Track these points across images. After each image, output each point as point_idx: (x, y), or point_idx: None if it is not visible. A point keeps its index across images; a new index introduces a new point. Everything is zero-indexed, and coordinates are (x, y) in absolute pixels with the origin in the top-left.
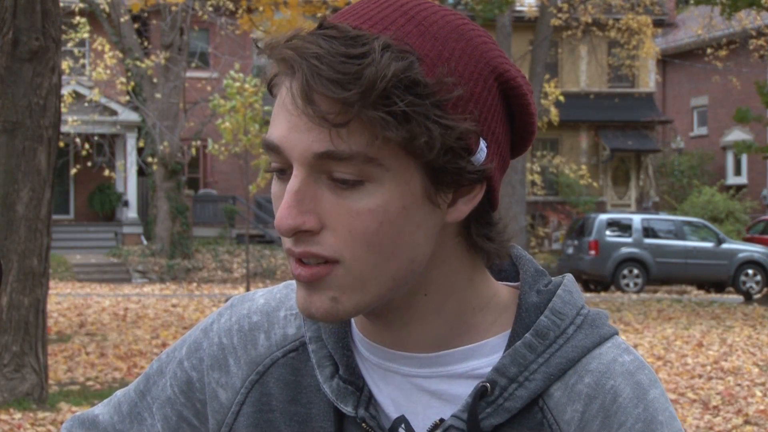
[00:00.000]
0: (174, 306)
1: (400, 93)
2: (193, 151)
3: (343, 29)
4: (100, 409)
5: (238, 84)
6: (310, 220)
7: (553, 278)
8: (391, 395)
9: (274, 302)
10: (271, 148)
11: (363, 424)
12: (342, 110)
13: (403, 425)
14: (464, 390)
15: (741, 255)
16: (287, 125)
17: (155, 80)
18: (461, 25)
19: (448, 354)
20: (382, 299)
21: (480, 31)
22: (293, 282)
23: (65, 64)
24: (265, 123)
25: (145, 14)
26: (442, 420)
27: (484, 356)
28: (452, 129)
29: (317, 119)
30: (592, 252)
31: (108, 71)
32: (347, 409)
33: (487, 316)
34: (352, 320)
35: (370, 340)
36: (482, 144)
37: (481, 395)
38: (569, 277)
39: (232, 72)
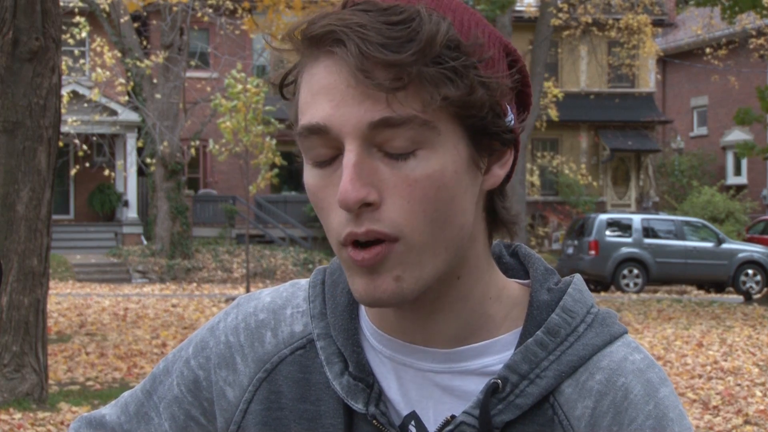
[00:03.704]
0: (174, 306)
1: (449, 52)
2: (193, 151)
3: (373, 3)
4: (108, 410)
5: (241, 86)
6: (372, 192)
7: (563, 278)
8: (402, 390)
9: (280, 300)
10: (315, 131)
11: (374, 421)
12: (398, 74)
13: (413, 422)
14: (476, 386)
15: (741, 255)
16: (331, 103)
17: (155, 80)
18: (464, 3)
19: (463, 350)
20: (437, 272)
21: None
22: (300, 281)
23: (65, 64)
24: (266, 123)
25: (145, 14)
26: (453, 416)
27: (497, 353)
28: (495, 87)
29: (373, 86)
30: (592, 252)
31: (107, 72)
32: (358, 406)
33: (501, 308)
34: (364, 314)
35: (387, 333)
36: (508, 107)
37: (492, 392)
38: (578, 277)
39: (234, 71)
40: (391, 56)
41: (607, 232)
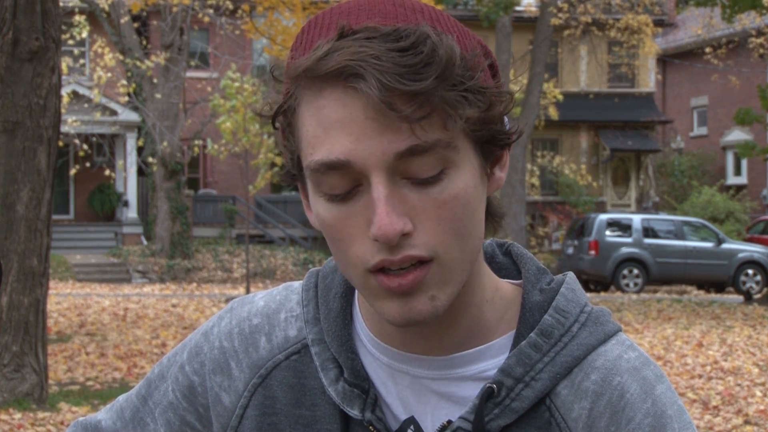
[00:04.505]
0: (174, 306)
1: (463, 71)
2: (195, 150)
3: (373, 28)
4: (103, 415)
5: (237, 84)
6: (407, 222)
7: (555, 276)
8: (400, 396)
9: (274, 304)
10: (335, 166)
11: (370, 427)
12: (421, 102)
13: (412, 426)
14: (473, 392)
15: (741, 255)
16: (350, 137)
17: (155, 80)
18: (438, 9)
19: (459, 356)
20: (462, 285)
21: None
22: (293, 283)
23: (65, 64)
24: (267, 123)
25: (145, 14)
26: (450, 422)
27: (492, 357)
28: (503, 96)
29: (399, 119)
30: (592, 252)
31: (108, 74)
32: (354, 413)
33: (496, 310)
34: (359, 319)
35: (384, 342)
36: None
37: (488, 396)
38: (571, 275)
39: (230, 72)
40: (413, 86)
41: (607, 232)
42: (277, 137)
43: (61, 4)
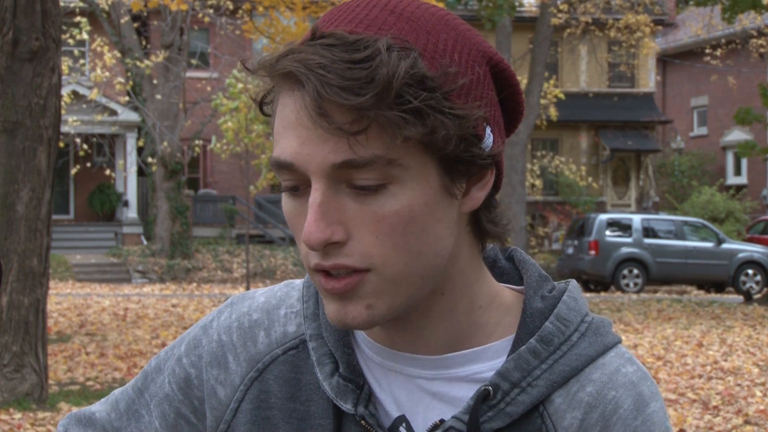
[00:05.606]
0: (174, 306)
1: (412, 90)
2: (196, 150)
3: (340, 36)
4: (98, 407)
5: (241, 85)
6: (338, 231)
7: (557, 284)
8: (393, 394)
9: (274, 300)
10: (284, 166)
11: (362, 422)
12: (358, 117)
13: (403, 424)
14: (466, 393)
15: (741, 255)
16: (298, 140)
17: (155, 80)
18: (445, 15)
19: (452, 357)
20: (412, 299)
21: (462, 21)
22: (294, 281)
23: (65, 64)
24: (267, 123)
25: (145, 14)
26: (442, 420)
27: (487, 360)
28: (464, 118)
29: (333, 130)
30: (592, 252)
31: (107, 73)
32: (347, 407)
33: (492, 316)
34: None
35: (375, 341)
36: (487, 129)
37: (483, 398)
38: (573, 284)
39: (235, 71)
40: (350, 100)
41: (607, 232)
42: (268, 124)
43: (61, 4)
